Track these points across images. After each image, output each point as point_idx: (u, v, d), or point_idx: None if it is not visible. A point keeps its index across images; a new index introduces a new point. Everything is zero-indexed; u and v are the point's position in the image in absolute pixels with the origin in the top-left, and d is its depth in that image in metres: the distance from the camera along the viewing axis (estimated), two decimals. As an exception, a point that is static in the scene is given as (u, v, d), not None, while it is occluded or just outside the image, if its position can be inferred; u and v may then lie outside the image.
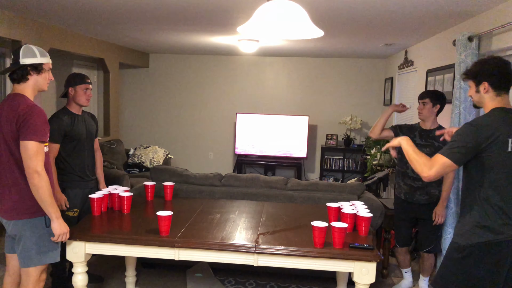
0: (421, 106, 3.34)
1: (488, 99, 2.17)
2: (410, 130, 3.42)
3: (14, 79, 2.39)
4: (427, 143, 3.29)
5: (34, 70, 2.37)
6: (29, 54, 2.35)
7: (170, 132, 7.98)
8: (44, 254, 2.39)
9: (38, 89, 2.44)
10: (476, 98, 2.23)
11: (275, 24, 2.09)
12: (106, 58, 6.29)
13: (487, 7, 3.34)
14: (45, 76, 2.43)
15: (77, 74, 3.26)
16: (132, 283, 3.34)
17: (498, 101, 2.16)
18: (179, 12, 3.91)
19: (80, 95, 3.18)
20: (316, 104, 7.64)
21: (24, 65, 2.35)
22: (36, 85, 2.41)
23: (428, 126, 3.35)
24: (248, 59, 7.70)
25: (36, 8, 3.92)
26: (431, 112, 3.31)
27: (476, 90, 2.20)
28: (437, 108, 3.31)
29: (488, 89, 2.15)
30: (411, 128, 3.44)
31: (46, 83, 2.45)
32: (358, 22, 4.09)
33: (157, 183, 3.43)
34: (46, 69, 2.43)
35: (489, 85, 2.14)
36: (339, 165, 7.43)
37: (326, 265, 2.36)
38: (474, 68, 2.22)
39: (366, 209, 2.73)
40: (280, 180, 3.75)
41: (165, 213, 2.44)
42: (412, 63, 5.56)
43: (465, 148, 2.07)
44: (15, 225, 2.35)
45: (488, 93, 2.16)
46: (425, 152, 3.22)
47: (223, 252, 2.40)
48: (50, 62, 2.46)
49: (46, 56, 2.43)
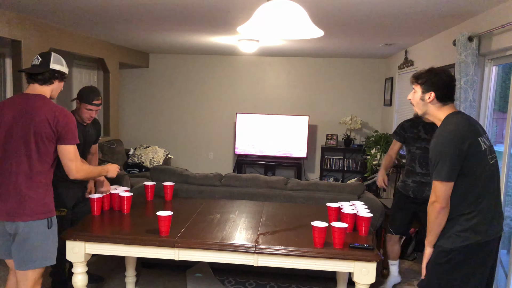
0: None
1: (433, 108, 2.24)
2: (413, 126, 3.39)
3: (39, 80, 2.44)
4: None
5: (60, 77, 2.52)
6: (58, 62, 2.51)
7: (170, 132, 7.98)
8: (45, 256, 2.40)
9: (54, 95, 2.54)
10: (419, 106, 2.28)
11: (275, 24, 2.08)
12: (106, 58, 6.29)
13: (487, 7, 3.34)
14: (62, 85, 2.58)
15: (90, 91, 3.18)
16: (132, 283, 3.34)
17: (447, 109, 2.23)
18: (179, 12, 3.91)
19: (83, 113, 3.17)
20: (316, 104, 7.64)
21: (54, 69, 2.47)
22: (54, 91, 2.53)
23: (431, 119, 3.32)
24: (248, 59, 7.70)
25: (36, 8, 3.92)
26: None
27: (421, 97, 2.26)
28: None
29: (433, 99, 2.22)
30: (414, 123, 3.40)
31: (59, 91, 2.59)
32: (358, 22, 4.09)
33: (157, 183, 3.43)
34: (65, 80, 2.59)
35: (435, 96, 2.21)
36: (339, 165, 7.43)
37: (326, 265, 2.36)
38: (425, 75, 2.26)
39: (366, 209, 2.73)
40: (280, 180, 3.75)
41: (165, 213, 2.44)
42: (412, 63, 5.56)
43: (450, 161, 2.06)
44: (18, 226, 2.33)
45: (432, 103, 2.23)
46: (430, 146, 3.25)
47: (223, 252, 2.40)
48: None
49: (67, 68, 2.60)
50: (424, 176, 3.31)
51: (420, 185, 3.33)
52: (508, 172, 3.14)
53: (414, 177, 3.36)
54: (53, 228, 2.42)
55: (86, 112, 3.16)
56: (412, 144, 3.37)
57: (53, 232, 2.43)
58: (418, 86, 2.28)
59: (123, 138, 7.59)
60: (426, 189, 3.30)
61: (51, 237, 2.41)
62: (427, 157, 3.17)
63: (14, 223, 2.33)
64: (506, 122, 3.16)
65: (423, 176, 3.31)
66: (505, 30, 3.11)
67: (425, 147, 3.28)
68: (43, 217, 2.37)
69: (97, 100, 3.16)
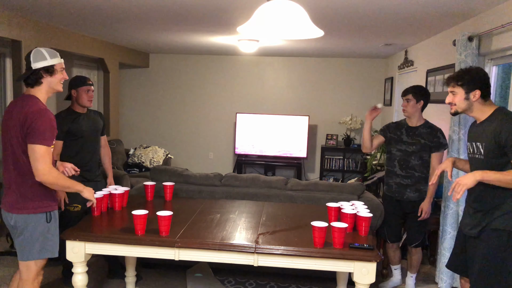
0: (405, 103, 3.33)
1: (478, 105, 2.37)
2: (397, 127, 3.42)
3: (29, 84, 2.43)
4: (414, 141, 3.30)
5: (47, 72, 2.41)
6: (39, 58, 2.40)
7: (170, 132, 7.98)
8: (44, 248, 2.45)
9: (53, 90, 2.49)
10: (463, 105, 2.39)
11: (275, 24, 2.08)
12: (106, 58, 6.29)
13: (487, 7, 3.34)
14: (58, 76, 2.47)
15: (78, 76, 3.36)
16: (132, 283, 3.34)
17: (489, 104, 2.38)
18: (179, 12, 3.91)
19: (82, 97, 3.31)
20: (316, 104, 7.64)
21: (37, 69, 2.39)
22: (50, 87, 2.46)
23: (414, 123, 3.34)
24: (248, 59, 7.70)
25: (36, 8, 3.93)
26: (415, 108, 3.30)
27: (465, 97, 2.36)
28: (421, 104, 3.29)
29: (477, 97, 2.34)
30: (398, 125, 3.44)
31: (59, 83, 2.50)
32: (358, 22, 4.09)
33: (157, 183, 3.43)
34: (59, 70, 2.46)
35: (480, 93, 2.34)
36: (339, 165, 7.43)
37: (326, 265, 2.36)
38: (465, 75, 2.36)
39: (366, 209, 2.73)
40: (280, 180, 3.75)
41: (165, 213, 2.44)
42: (412, 63, 5.56)
43: None
44: (17, 218, 2.41)
45: (477, 101, 2.35)
46: (411, 149, 3.30)
47: (223, 252, 2.40)
48: (61, 61, 2.49)
49: (56, 57, 2.45)
50: (404, 178, 3.34)
51: (400, 187, 3.36)
52: (508, 172, 3.14)
53: (395, 178, 3.40)
54: (52, 222, 2.47)
55: (86, 95, 3.32)
56: (393, 145, 3.40)
57: (53, 226, 2.48)
58: (459, 87, 2.37)
59: (123, 138, 7.59)
60: (406, 191, 3.34)
61: (51, 231, 2.46)
62: (407, 160, 3.32)
63: (13, 215, 2.41)
64: (506, 122, 3.16)
65: (403, 178, 3.35)
66: (505, 30, 3.11)
67: (405, 150, 3.31)
68: (40, 211, 2.42)
69: (89, 80, 3.36)
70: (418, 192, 3.32)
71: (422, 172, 3.32)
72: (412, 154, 3.31)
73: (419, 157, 3.29)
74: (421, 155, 3.29)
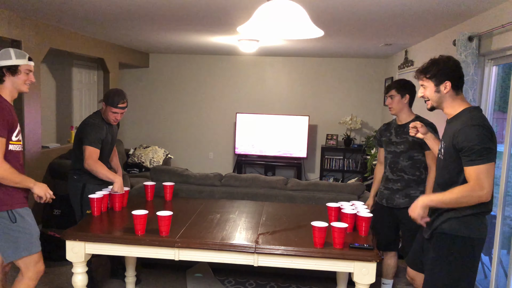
0: (389, 101, 3.08)
1: (449, 98, 2.22)
2: (387, 129, 3.20)
3: None
4: (402, 139, 3.04)
5: (8, 71, 2.43)
6: (4, 57, 2.42)
7: (170, 132, 7.98)
8: (16, 248, 2.42)
9: (17, 90, 2.49)
10: (435, 98, 2.24)
11: (275, 24, 2.08)
12: (106, 58, 6.29)
13: (487, 7, 3.34)
14: (22, 77, 2.47)
15: (116, 94, 3.19)
16: (132, 283, 3.34)
17: (461, 99, 2.23)
18: (179, 12, 3.91)
19: (108, 115, 3.21)
20: (316, 104, 7.64)
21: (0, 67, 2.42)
22: (13, 87, 2.47)
23: (403, 120, 3.08)
24: (248, 59, 7.70)
25: (36, 8, 3.92)
26: (401, 104, 3.04)
27: (436, 90, 2.22)
28: (407, 98, 3.04)
29: (449, 89, 2.19)
30: (388, 126, 3.21)
31: (24, 84, 2.50)
32: (358, 22, 4.09)
33: (157, 183, 3.43)
34: (23, 71, 2.47)
35: (451, 85, 2.19)
36: (339, 165, 7.43)
37: (326, 265, 2.36)
38: (433, 67, 2.22)
39: (366, 209, 2.73)
40: (280, 180, 3.75)
41: (165, 213, 2.44)
42: (412, 63, 5.56)
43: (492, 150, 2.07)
44: None
45: (448, 93, 2.21)
46: (400, 149, 3.02)
47: (223, 252, 2.40)
48: (28, 63, 2.50)
49: (23, 58, 2.48)
50: (394, 183, 3.07)
51: (391, 192, 3.08)
52: (508, 172, 3.14)
53: (387, 183, 3.12)
54: (19, 221, 2.42)
55: (112, 115, 3.19)
56: (385, 149, 3.16)
57: (22, 224, 2.43)
58: (428, 80, 2.24)
59: (123, 138, 7.59)
60: (396, 196, 3.06)
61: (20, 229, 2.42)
62: (396, 162, 3.06)
63: None
64: (506, 122, 3.16)
65: (394, 183, 3.07)
66: (505, 30, 3.11)
67: (394, 151, 3.06)
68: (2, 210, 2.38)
69: (123, 103, 3.19)
70: (408, 198, 2.97)
71: (413, 174, 3.01)
72: (400, 155, 3.03)
73: (408, 157, 3.01)
74: (410, 155, 3.00)
